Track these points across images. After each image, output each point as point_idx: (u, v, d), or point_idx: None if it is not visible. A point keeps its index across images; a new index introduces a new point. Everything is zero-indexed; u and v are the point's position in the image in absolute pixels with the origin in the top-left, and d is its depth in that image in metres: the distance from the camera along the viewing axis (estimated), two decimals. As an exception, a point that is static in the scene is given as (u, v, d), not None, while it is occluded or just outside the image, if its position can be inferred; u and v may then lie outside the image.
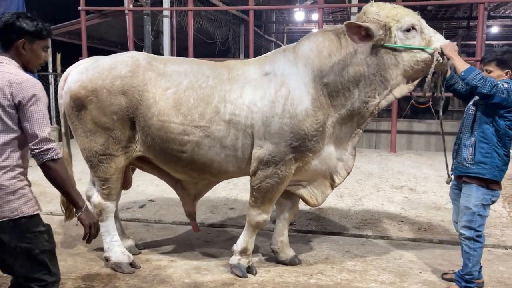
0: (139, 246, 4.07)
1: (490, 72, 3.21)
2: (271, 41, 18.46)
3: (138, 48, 8.92)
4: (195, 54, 8.20)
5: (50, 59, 10.91)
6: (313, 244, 4.22)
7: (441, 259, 3.92)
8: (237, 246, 3.63)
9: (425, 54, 3.20)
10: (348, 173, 3.62)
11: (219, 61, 3.75)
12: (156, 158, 3.56)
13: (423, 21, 3.32)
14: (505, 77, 3.18)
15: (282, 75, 3.35)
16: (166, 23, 8.97)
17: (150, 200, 5.49)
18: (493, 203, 3.25)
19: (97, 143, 3.49)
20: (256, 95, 3.33)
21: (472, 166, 3.21)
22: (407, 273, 3.62)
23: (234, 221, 4.83)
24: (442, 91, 3.36)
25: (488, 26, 16.67)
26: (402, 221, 4.76)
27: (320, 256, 3.96)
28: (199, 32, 11.49)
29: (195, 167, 3.47)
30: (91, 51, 8.11)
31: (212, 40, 12.71)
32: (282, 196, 3.63)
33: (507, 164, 3.22)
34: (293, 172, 3.39)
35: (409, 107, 9.98)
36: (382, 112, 10.72)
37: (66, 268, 3.63)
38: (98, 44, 12.46)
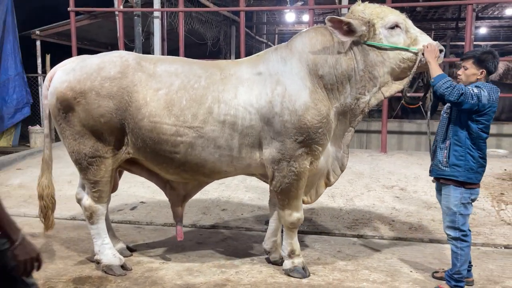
0: (131, 248, 4.04)
1: (466, 69, 3.24)
2: (262, 42, 18.50)
3: (129, 49, 8.83)
4: (186, 55, 8.14)
5: (39, 61, 10.84)
6: (305, 244, 4.23)
7: (432, 258, 3.96)
8: (284, 252, 3.62)
9: (410, 53, 3.27)
10: (342, 171, 3.65)
11: (210, 61, 3.72)
12: (147, 160, 3.51)
13: (409, 21, 3.39)
14: (480, 77, 3.20)
15: (277, 74, 3.36)
16: (157, 24, 8.95)
17: (141, 202, 5.46)
18: (473, 201, 3.28)
19: (86, 146, 3.42)
20: (252, 96, 3.33)
21: (447, 169, 3.25)
22: (398, 272, 3.64)
23: (226, 223, 4.82)
24: (431, 92, 3.40)
25: (477, 27, 16.88)
26: (393, 221, 4.79)
27: (312, 256, 3.97)
28: (190, 33, 11.47)
29: (188, 168, 3.45)
30: (81, 52, 7.93)
31: (203, 41, 12.70)
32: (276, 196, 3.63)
33: (484, 166, 3.24)
34: (308, 167, 3.38)
35: (400, 108, 10.08)
36: (373, 113, 10.84)
37: (57, 271, 3.60)
38: (88, 46, 12.38)
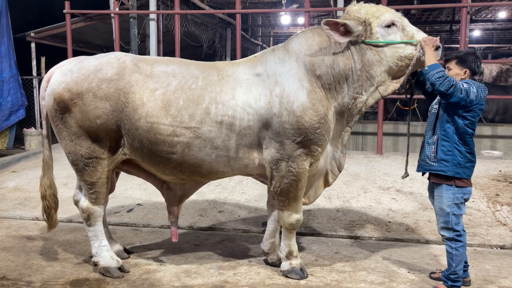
0: (128, 251, 4.03)
1: (450, 70, 3.29)
2: (258, 45, 18.56)
3: (125, 52, 8.85)
4: (182, 58, 8.15)
5: (34, 63, 10.80)
6: (303, 246, 4.23)
7: (429, 259, 3.98)
8: (282, 253, 3.62)
9: (408, 50, 3.29)
10: (340, 171, 3.66)
11: (207, 62, 3.73)
12: (144, 161, 3.51)
13: (405, 19, 3.42)
14: (463, 76, 3.25)
15: (275, 74, 3.38)
16: (153, 27, 8.94)
17: (138, 204, 5.45)
18: (466, 201, 3.31)
19: (83, 147, 3.43)
20: (250, 96, 3.34)
21: (435, 164, 3.29)
22: (396, 273, 3.66)
23: (223, 224, 4.82)
24: (413, 83, 3.49)
25: (471, 30, 16.98)
26: (390, 222, 4.81)
27: (310, 258, 3.98)
28: (186, 36, 11.49)
29: (185, 168, 3.45)
30: (76, 55, 7.89)
31: (199, 44, 12.71)
32: (274, 197, 3.63)
33: (472, 162, 3.27)
34: (308, 168, 3.39)
35: (395, 110, 10.13)
36: (368, 115, 10.89)
37: (54, 274, 3.58)
38: (84, 48, 12.37)
